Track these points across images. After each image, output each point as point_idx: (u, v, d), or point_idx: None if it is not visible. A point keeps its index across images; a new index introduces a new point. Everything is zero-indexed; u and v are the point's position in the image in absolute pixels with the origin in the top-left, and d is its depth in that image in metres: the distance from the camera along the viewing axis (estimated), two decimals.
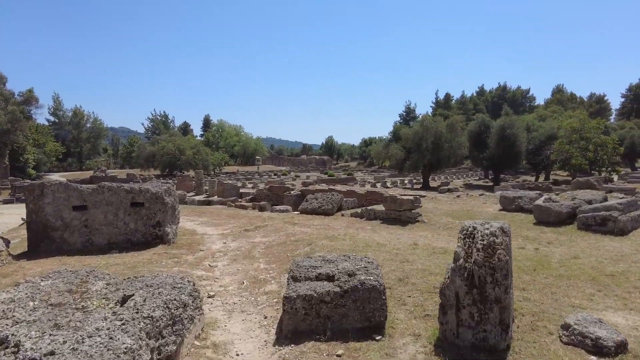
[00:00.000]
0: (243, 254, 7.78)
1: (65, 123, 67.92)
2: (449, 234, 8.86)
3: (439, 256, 6.82)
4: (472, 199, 13.77)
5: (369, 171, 65.83)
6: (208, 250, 8.23)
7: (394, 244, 7.77)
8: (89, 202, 7.64)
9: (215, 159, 57.09)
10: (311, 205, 12.39)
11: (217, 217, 13.05)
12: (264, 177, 49.69)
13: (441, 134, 33.21)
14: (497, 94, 76.66)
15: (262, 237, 9.31)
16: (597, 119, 34.33)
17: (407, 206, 9.83)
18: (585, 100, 71.48)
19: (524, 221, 9.55)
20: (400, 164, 34.71)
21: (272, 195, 21.54)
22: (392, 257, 6.73)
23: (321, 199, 12.47)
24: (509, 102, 70.87)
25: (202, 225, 11.51)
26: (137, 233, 7.99)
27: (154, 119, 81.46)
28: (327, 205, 12.04)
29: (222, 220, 12.31)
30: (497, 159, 34.57)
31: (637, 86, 68.13)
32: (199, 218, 12.96)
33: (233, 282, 5.95)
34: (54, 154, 56.88)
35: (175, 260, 7.12)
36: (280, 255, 7.46)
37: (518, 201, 10.69)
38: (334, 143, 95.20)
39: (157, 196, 8.08)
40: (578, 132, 31.82)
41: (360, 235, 8.77)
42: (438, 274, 5.71)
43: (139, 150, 57.35)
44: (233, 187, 23.16)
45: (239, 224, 11.53)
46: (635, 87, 68.33)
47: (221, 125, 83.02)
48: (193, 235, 9.69)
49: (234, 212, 14.65)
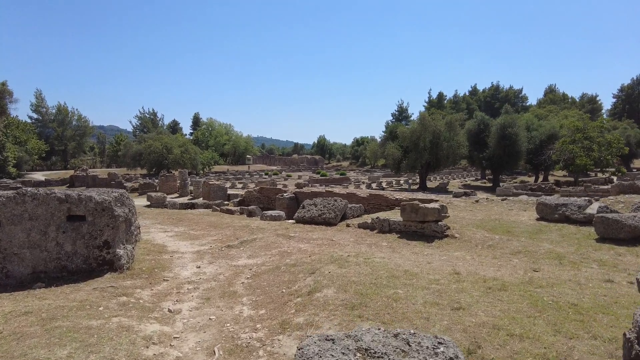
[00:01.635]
0: (221, 288, 5.55)
1: (49, 120, 64.68)
2: (493, 254, 6.72)
3: (499, 295, 4.67)
4: (495, 204, 11.70)
5: (362, 171, 63.80)
6: (174, 279, 5.99)
7: (427, 273, 5.61)
8: (3, 216, 5.34)
9: (205, 158, 54.55)
10: (309, 212, 10.17)
11: (196, 226, 10.79)
12: (254, 177, 47.35)
13: (440, 132, 31.26)
14: (490, 93, 75.10)
15: (249, 258, 7.09)
16: (600, 118, 32.67)
17: (432, 217, 7.68)
18: (577, 100, 70.25)
19: (582, 237, 7.48)
20: (397, 164, 32.67)
21: (263, 198, 19.26)
22: (434, 298, 4.57)
23: (321, 205, 10.25)
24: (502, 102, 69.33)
25: (175, 237, 9.23)
26: (76, 258, 5.71)
27: (142, 117, 78.41)
28: (329, 213, 9.82)
29: (202, 231, 10.04)
30: (497, 158, 32.72)
31: (629, 87, 67.12)
32: (175, 227, 10.68)
33: (199, 352, 3.72)
34: (37, 152, 53.76)
35: (123, 300, 4.87)
36: (272, 291, 5.25)
37: (562, 209, 8.60)
38: (325, 142, 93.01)
39: (105, 207, 5.81)
40: (582, 132, 30.06)
41: (376, 256, 6.59)
42: (522, 335, 3.56)
43: (125, 149, 54.65)
44: (220, 189, 20.84)
45: (221, 236, 9.28)
46: (627, 87, 67.33)
47: (211, 123, 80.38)
48: (160, 254, 7.42)
49: (218, 219, 12.38)
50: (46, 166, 65.28)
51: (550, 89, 74.88)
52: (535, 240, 7.40)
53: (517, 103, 72.91)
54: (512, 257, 6.57)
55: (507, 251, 6.86)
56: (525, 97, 75.71)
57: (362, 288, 4.91)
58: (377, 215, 9.01)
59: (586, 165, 28.50)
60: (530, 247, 6.98)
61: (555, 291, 4.75)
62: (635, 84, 66.46)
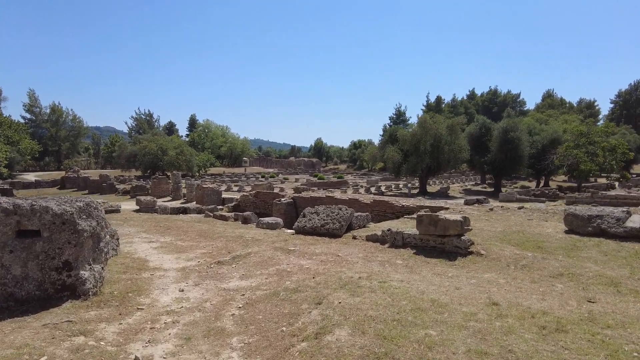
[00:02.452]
0: (206, 322, 4.45)
1: (42, 120, 63.28)
2: (530, 277, 5.65)
3: (560, 339, 3.61)
4: (512, 213, 10.64)
5: (359, 174, 62.76)
6: (151, 307, 4.89)
7: (458, 303, 4.54)
8: None
9: (201, 160, 53.38)
10: (311, 222, 9.05)
11: (185, 236, 9.68)
12: (251, 180, 46.21)
13: (441, 136, 30.29)
14: (488, 97, 74.29)
15: (242, 279, 5.99)
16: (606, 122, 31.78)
17: (454, 230, 6.61)
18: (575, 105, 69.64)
19: (630, 255, 6.37)
20: (397, 168, 31.62)
21: (259, 203, 18.17)
22: (478, 343, 3.50)
23: (324, 214, 9.14)
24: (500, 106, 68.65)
25: (160, 250, 8.12)
26: (27, 283, 4.61)
27: (138, 118, 77.16)
28: (333, 223, 8.71)
29: (190, 242, 8.93)
30: (499, 163, 31.77)
31: (627, 92, 66.58)
32: (161, 237, 9.57)
33: None
34: (30, 153, 52.37)
35: (79, 343, 3.77)
36: (269, 328, 4.16)
37: (597, 222, 7.56)
38: (323, 145, 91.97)
39: (65, 219, 4.71)
40: (586, 136, 29.17)
41: (393, 278, 5.52)
42: None
43: (120, 150, 53.42)
44: (214, 193, 19.72)
45: (211, 248, 8.17)
46: (625, 93, 66.78)
47: (207, 125, 79.20)
48: (139, 272, 6.31)
49: (210, 226, 11.27)
50: (39, 167, 63.86)
51: (548, 94, 74.21)
52: (576, 259, 6.35)
53: (515, 107, 72.19)
54: (554, 280, 5.51)
55: (546, 273, 5.80)
56: (523, 101, 75.07)
57: (383, 328, 3.83)
58: (389, 227, 7.92)
59: (591, 171, 27.62)
60: (573, 268, 5.92)
61: (633, 335, 3.69)
62: (632, 89, 65.92)
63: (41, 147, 57.50)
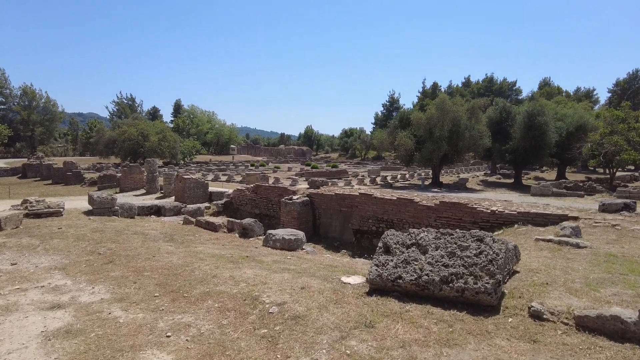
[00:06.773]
0: None
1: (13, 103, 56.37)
2: None
3: None
4: None
5: (353, 163, 57.95)
6: None
7: None
8: None
9: (186, 147, 47.63)
10: (411, 267, 4.02)
11: (136, 284, 4.68)
12: (240, 168, 40.91)
13: (460, 119, 25.61)
14: (484, 85, 69.93)
15: None
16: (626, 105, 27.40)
17: None
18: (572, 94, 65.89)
19: None
20: (410, 156, 26.87)
21: (259, 201, 13.14)
22: None
23: (439, 248, 4.00)
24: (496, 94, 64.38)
25: (59, 345, 3.13)
26: None
27: (119, 103, 70.42)
28: (471, 274, 3.68)
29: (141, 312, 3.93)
30: (522, 151, 27.28)
31: (625, 81, 63.09)
32: (88, 287, 4.55)
33: None
34: None
35: None
36: None
37: None
38: (313, 133, 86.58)
39: None
40: (625, 122, 24.86)
41: None
42: None
43: (98, 136, 47.35)
44: (198, 186, 14.56)
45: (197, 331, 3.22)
46: (623, 82, 63.27)
47: (193, 110, 72.99)
48: None
49: (188, 255, 6.28)
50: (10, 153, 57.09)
51: (544, 82, 70.25)
52: None
53: (510, 95, 68.08)
54: None
55: None
56: (519, 89, 70.90)
57: None
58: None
59: (635, 161, 23.39)
60: None
61: None
62: (631, 78, 62.48)
63: (11, 131, 50.93)
